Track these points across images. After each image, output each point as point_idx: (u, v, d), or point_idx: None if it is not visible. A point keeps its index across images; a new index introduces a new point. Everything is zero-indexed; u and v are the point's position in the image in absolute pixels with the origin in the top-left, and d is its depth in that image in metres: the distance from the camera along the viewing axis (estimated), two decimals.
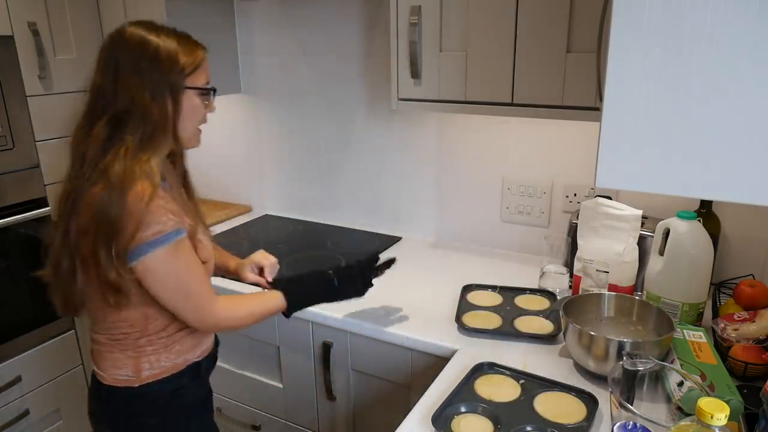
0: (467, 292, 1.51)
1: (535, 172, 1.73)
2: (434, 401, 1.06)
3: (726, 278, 1.48)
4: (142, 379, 1.11)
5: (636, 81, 0.81)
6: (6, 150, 1.79)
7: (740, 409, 0.92)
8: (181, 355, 1.15)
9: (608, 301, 1.26)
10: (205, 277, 1.11)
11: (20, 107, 1.81)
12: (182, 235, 1.02)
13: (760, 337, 1.11)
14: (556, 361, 1.21)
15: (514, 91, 1.37)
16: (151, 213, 0.97)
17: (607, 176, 0.87)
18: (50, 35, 1.86)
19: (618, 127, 0.84)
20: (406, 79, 1.49)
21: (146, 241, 0.97)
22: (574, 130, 1.63)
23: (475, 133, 1.79)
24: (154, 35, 1.05)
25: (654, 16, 0.78)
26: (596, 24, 1.16)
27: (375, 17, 1.82)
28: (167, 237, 0.99)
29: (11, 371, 1.89)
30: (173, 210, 1.02)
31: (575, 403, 1.04)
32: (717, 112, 0.77)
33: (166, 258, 1.01)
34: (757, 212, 1.46)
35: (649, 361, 0.95)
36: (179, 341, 1.14)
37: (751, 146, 0.77)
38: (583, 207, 1.37)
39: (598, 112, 0.90)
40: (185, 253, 1.04)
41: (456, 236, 1.92)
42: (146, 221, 0.97)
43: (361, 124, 1.97)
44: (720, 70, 0.76)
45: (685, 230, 1.22)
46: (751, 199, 0.79)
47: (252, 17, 2.05)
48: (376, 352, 1.40)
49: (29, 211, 1.87)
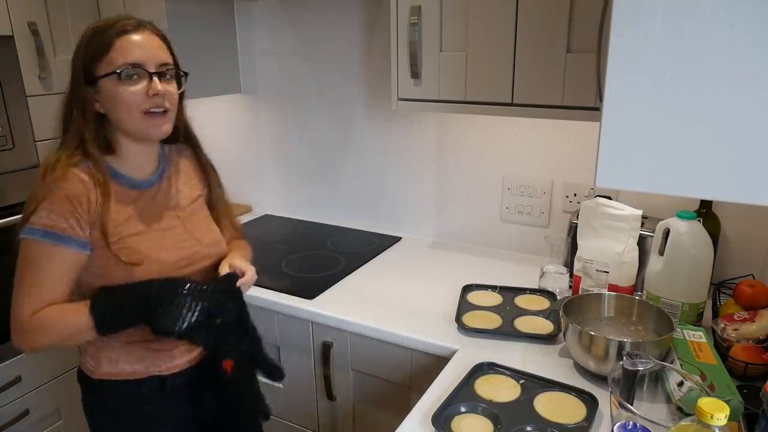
0: (467, 292, 1.51)
1: (535, 172, 1.73)
2: (434, 401, 1.06)
3: (726, 278, 1.48)
4: (99, 374, 1.13)
5: (636, 81, 0.81)
6: (6, 150, 1.79)
7: (740, 409, 0.92)
8: (145, 364, 1.13)
9: (608, 301, 1.26)
10: (38, 288, 1.01)
11: (20, 107, 1.81)
12: (41, 237, 1.00)
13: (760, 337, 1.11)
14: (556, 361, 1.21)
15: (514, 91, 1.37)
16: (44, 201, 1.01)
17: (607, 176, 0.87)
18: (50, 35, 1.86)
19: (618, 127, 0.84)
20: (406, 79, 1.49)
21: (28, 224, 1.01)
22: (574, 130, 1.63)
23: (475, 133, 1.79)
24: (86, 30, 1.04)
25: (654, 16, 0.78)
26: (596, 24, 1.16)
27: (375, 17, 1.82)
28: (34, 230, 1.00)
29: (11, 371, 1.89)
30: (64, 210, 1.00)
31: (575, 403, 1.04)
32: (717, 112, 0.77)
33: (24, 247, 1.02)
34: (757, 212, 1.46)
35: (649, 361, 0.95)
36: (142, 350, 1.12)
37: (751, 146, 0.77)
38: (583, 207, 1.37)
39: (598, 112, 0.90)
40: (36, 253, 1.01)
41: (456, 236, 1.92)
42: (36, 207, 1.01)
43: (361, 124, 1.97)
44: (720, 70, 0.76)
45: (685, 230, 1.22)
46: (751, 199, 0.79)
47: (252, 17, 2.05)
48: (376, 352, 1.40)
49: None
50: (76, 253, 1.03)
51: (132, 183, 1.11)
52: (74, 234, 1.01)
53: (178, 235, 1.14)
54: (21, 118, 1.82)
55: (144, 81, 1.03)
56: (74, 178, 1.02)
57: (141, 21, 1.06)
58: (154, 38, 1.06)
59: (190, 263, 1.14)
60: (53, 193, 1.00)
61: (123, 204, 1.09)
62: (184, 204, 1.19)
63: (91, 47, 1.02)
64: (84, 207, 1.02)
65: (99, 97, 1.04)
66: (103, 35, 1.01)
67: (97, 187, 1.03)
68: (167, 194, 1.16)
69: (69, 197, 1.01)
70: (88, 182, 1.03)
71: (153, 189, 1.14)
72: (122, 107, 1.03)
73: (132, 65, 1.01)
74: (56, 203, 1.00)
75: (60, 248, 1.01)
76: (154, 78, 1.03)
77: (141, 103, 1.02)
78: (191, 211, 1.20)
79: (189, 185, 1.22)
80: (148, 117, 1.04)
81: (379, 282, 1.62)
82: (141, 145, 1.11)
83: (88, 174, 1.04)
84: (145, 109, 1.03)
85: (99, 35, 1.02)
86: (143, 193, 1.12)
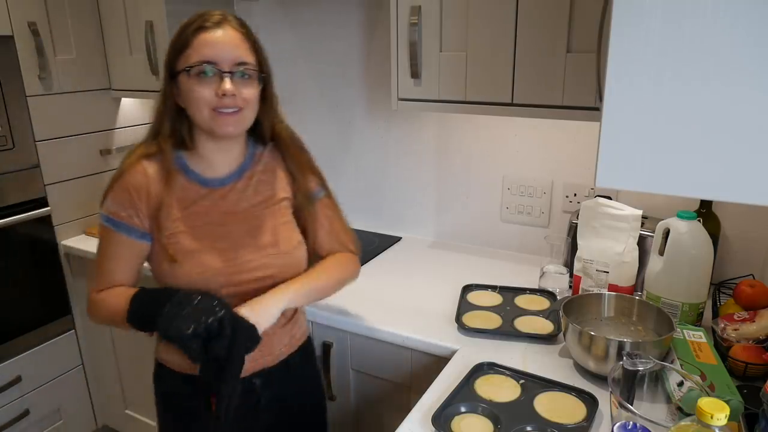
0: (467, 292, 1.51)
1: (535, 172, 1.73)
2: (434, 401, 1.06)
3: (726, 278, 1.48)
4: (159, 357, 1.17)
5: (636, 81, 0.81)
6: (6, 150, 1.79)
7: (740, 409, 0.92)
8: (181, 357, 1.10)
9: (608, 301, 1.26)
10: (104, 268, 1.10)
11: (20, 107, 1.81)
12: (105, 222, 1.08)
13: (760, 337, 1.11)
14: (556, 361, 1.21)
15: (514, 91, 1.37)
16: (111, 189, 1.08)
17: (607, 176, 0.87)
18: (50, 35, 1.86)
19: (618, 127, 0.84)
20: (406, 79, 1.49)
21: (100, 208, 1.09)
22: (574, 130, 1.63)
23: (474, 133, 1.79)
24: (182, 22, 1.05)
25: (654, 16, 0.78)
26: (596, 24, 1.16)
27: (375, 18, 1.82)
28: (101, 214, 1.09)
29: (11, 371, 1.89)
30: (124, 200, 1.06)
31: (575, 403, 1.04)
32: (717, 112, 0.77)
33: (99, 228, 1.11)
34: (757, 212, 1.46)
35: (649, 361, 0.95)
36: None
37: (751, 146, 0.77)
38: (583, 207, 1.37)
39: (598, 112, 0.90)
40: (103, 236, 1.10)
41: (456, 236, 1.92)
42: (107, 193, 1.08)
43: (361, 126, 1.97)
44: (720, 70, 0.76)
45: (685, 230, 1.22)
46: (751, 199, 0.79)
47: (252, 17, 2.05)
48: (376, 352, 1.40)
49: (29, 211, 1.87)
50: (135, 242, 1.08)
51: (201, 180, 1.10)
52: (131, 223, 1.06)
53: (234, 239, 1.10)
54: (21, 118, 1.82)
55: (216, 79, 1.01)
56: (139, 169, 1.07)
57: (226, 16, 1.05)
58: (235, 35, 1.03)
59: (241, 271, 1.08)
60: (117, 182, 1.07)
61: (186, 200, 1.09)
62: (259, 206, 1.13)
63: (175, 42, 1.04)
64: (143, 199, 1.06)
65: (178, 92, 1.05)
66: (186, 30, 1.03)
67: (161, 182, 1.06)
68: (241, 195, 1.12)
69: (129, 188, 1.06)
70: (153, 175, 1.07)
71: (225, 188, 1.12)
72: (193, 104, 1.03)
73: (204, 62, 1.00)
74: (118, 193, 1.07)
75: (119, 235, 1.07)
76: (224, 77, 1.01)
77: (210, 102, 1.02)
78: (267, 214, 1.14)
79: (273, 187, 1.16)
80: (217, 115, 1.03)
81: (379, 282, 1.62)
82: (217, 143, 1.09)
83: (157, 166, 1.07)
84: (214, 108, 1.02)
85: (183, 30, 1.03)
86: (213, 192, 1.11)
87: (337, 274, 1.20)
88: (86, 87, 2.00)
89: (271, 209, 1.15)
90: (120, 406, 2.16)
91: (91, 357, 2.15)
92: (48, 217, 1.93)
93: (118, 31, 1.95)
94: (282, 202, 1.17)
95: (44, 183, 1.91)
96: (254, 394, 1.16)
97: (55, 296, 2.01)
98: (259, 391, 1.16)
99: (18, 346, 1.91)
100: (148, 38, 1.83)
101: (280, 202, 1.16)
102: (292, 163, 1.19)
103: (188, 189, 1.09)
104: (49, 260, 1.97)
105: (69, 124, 1.97)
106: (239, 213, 1.12)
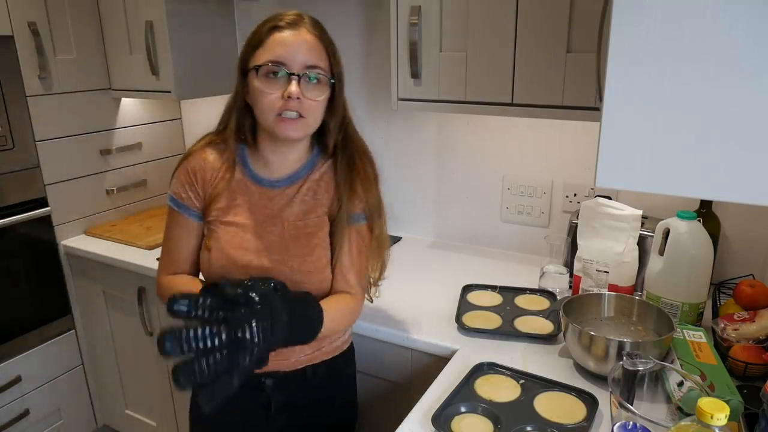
0: (467, 292, 1.50)
1: (535, 172, 1.73)
2: (434, 401, 1.06)
3: (726, 278, 1.48)
4: None
5: (636, 81, 0.81)
6: (6, 150, 1.79)
7: (740, 409, 0.92)
8: None
9: (608, 301, 1.26)
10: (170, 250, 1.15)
11: (20, 107, 1.81)
12: (170, 202, 1.14)
13: (760, 337, 1.11)
14: (556, 361, 1.21)
15: (514, 91, 1.37)
16: (176, 170, 1.13)
17: (607, 176, 0.87)
18: (50, 35, 1.86)
19: (618, 127, 0.84)
20: (406, 79, 1.49)
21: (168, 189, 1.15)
22: (574, 130, 1.63)
23: (475, 133, 1.79)
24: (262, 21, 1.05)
25: (654, 16, 0.78)
26: (596, 24, 1.16)
27: (375, 18, 1.82)
28: (169, 194, 1.14)
29: (11, 371, 1.89)
30: (185, 181, 1.11)
31: (575, 403, 1.04)
32: (717, 112, 0.77)
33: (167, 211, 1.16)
34: (757, 212, 1.46)
35: (649, 361, 0.95)
36: None
37: (751, 146, 0.77)
38: (583, 207, 1.37)
39: (598, 112, 0.90)
40: (169, 218, 1.15)
41: (456, 236, 1.92)
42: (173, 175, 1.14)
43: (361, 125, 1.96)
44: (720, 70, 0.76)
45: (685, 230, 1.22)
46: (751, 199, 0.79)
47: (252, 17, 2.05)
48: (376, 352, 1.40)
49: (29, 211, 1.87)
50: (194, 223, 1.13)
51: (256, 177, 1.11)
52: (191, 205, 1.12)
53: (270, 243, 1.08)
54: (21, 118, 1.82)
55: (284, 81, 1.00)
56: (200, 155, 1.12)
57: (302, 17, 1.03)
58: (308, 37, 1.02)
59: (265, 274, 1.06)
60: (182, 165, 1.13)
61: (236, 193, 1.11)
62: (300, 216, 1.10)
63: (249, 40, 1.05)
64: (199, 182, 1.11)
65: (247, 89, 1.06)
66: (261, 29, 1.03)
67: (218, 169, 1.10)
68: (288, 201, 1.10)
69: (189, 170, 1.11)
70: (211, 162, 1.11)
71: (275, 191, 1.11)
72: (259, 103, 1.03)
73: (273, 63, 1.00)
74: (181, 174, 1.12)
75: (181, 215, 1.12)
76: (292, 80, 0.99)
77: (275, 102, 1.00)
78: (305, 226, 1.10)
79: (319, 199, 1.12)
80: (280, 119, 1.01)
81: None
82: (277, 145, 1.09)
83: (218, 156, 1.11)
84: (278, 111, 1.00)
85: (259, 28, 1.04)
86: (263, 192, 1.11)
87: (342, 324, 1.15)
88: (86, 87, 2.00)
89: (309, 221, 1.11)
90: (120, 406, 2.16)
91: (91, 357, 2.15)
92: (48, 217, 1.93)
93: (118, 31, 1.95)
94: (323, 216, 1.12)
95: (44, 183, 1.91)
96: (263, 393, 1.15)
97: (55, 296, 2.00)
98: (269, 392, 1.15)
99: (18, 346, 1.91)
100: (148, 38, 1.83)
101: (321, 216, 1.12)
102: (342, 175, 1.12)
103: (242, 182, 1.11)
104: (49, 260, 1.97)
105: (69, 124, 1.97)
106: (281, 219, 1.10)
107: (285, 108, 1.00)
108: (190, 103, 2.32)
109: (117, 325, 2.02)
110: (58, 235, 1.98)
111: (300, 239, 1.10)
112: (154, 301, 1.85)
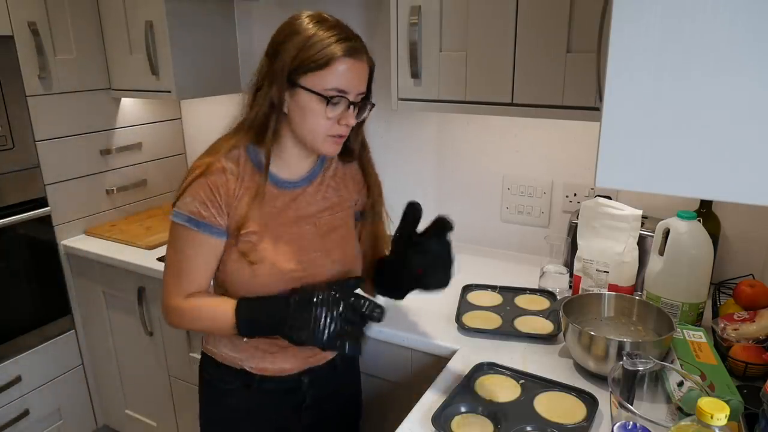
0: (467, 292, 1.51)
1: (535, 172, 1.73)
2: (434, 401, 1.06)
3: (726, 278, 1.48)
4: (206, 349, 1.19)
5: (636, 81, 0.81)
6: (6, 150, 1.79)
7: (740, 409, 0.92)
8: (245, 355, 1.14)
9: (608, 301, 1.26)
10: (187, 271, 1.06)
11: (20, 107, 1.81)
12: (185, 222, 1.03)
13: (760, 337, 1.11)
14: (556, 361, 1.21)
15: (514, 91, 1.37)
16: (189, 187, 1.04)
17: (607, 176, 0.87)
18: (50, 35, 1.86)
19: (618, 125, 0.84)
20: (406, 79, 1.49)
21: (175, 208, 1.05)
22: (574, 130, 1.63)
23: (475, 133, 1.79)
24: (305, 22, 0.99)
25: (654, 16, 0.78)
26: (596, 24, 1.16)
27: (375, 18, 1.82)
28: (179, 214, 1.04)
29: (11, 371, 1.89)
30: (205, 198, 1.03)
31: (575, 403, 1.04)
32: (717, 112, 0.77)
33: (172, 230, 1.07)
34: (757, 212, 1.46)
35: (649, 361, 0.95)
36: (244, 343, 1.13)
37: (751, 146, 0.76)
38: (583, 207, 1.37)
39: (598, 112, 0.90)
40: (181, 238, 1.06)
41: (456, 236, 1.91)
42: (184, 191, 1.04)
43: None
44: (720, 71, 0.76)
45: (685, 230, 1.22)
46: (751, 199, 0.79)
47: (252, 17, 2.05)
48: (376, 352, 1.40)
49: (29, 211, 1.87)
50: (216, 241, 1.05)
51: (277, 181, 1.09)
52: (214, 222, 1.04)
53: (306, 243, 1.10)
54: (21, 118, 1.82)
55: (341, 107, 1.00)
56: (219, 167, 1.04)
57: (361, 41, 1.02)
58: (365, 67, 1.02)
59: (307, 275, 1.08)
60: (198, 181, 1.03)
61: (260, 197, 1.07)
62: (326, 212, 1.13)
63: (307, 53, 0.97)
64: (223, 197, 1.04)
65: (291, 101, 1.01)
66: (325, 48, 0.96)
67: (239, 179, 1.05)
68: (311, 199, 1.12)
69: (211, 186, 1.03)
70: (232, 172, 1.04)
71: (296, 191, 1.11)
72: (308, 123, 1.01)
73: (339, 91, 0.98)
74: (200, 191, 1.03)
75: (201, 235, 1.04)
76: (350, 109, 1.01)
77: (328, 128, 1.01)
78: (333, 220, 1.14)
79: (340, 194, 1.16)
80: (327, 138, 1.03)
81: None
82: (303, 150, 1.09)
83: (235, 163, 1.05)
84: (330, 133, 1.02)
85: (319, 43, 0.96)
86: (285, 193, 1.10)
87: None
88: (86, 87, 2.00)
89: (337, 216, 1.15)
90: (120, 406, 2.16)
91: (91, 357, 2.15)
92: (48, 217, 1.93)
93: (118, 31, 1.95)
94: (347, 210, 1.17)
95: (44, 183, 1.91)
96: (300, 392, 1.18)
97: (55, 296, 2.01)
98: (305, 389, 1.18)
99: (18, 346, 1.91)
100: (148, 38, 1.83)
101: (346, 209, 1.17)
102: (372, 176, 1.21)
103: (263, 187, 1.08)
104: (49, 260, 1.97)
105: (69, 124, 1.97)
106: (309, 217, 1.11)
107: (338, 132, 1.02)
108: (190, 103, 2.32)
109: (117, 325, 2.02)
110: (58, 235, 1.98)
111: (334, 231, 1.14)
112: (153, 301, 1.85)
